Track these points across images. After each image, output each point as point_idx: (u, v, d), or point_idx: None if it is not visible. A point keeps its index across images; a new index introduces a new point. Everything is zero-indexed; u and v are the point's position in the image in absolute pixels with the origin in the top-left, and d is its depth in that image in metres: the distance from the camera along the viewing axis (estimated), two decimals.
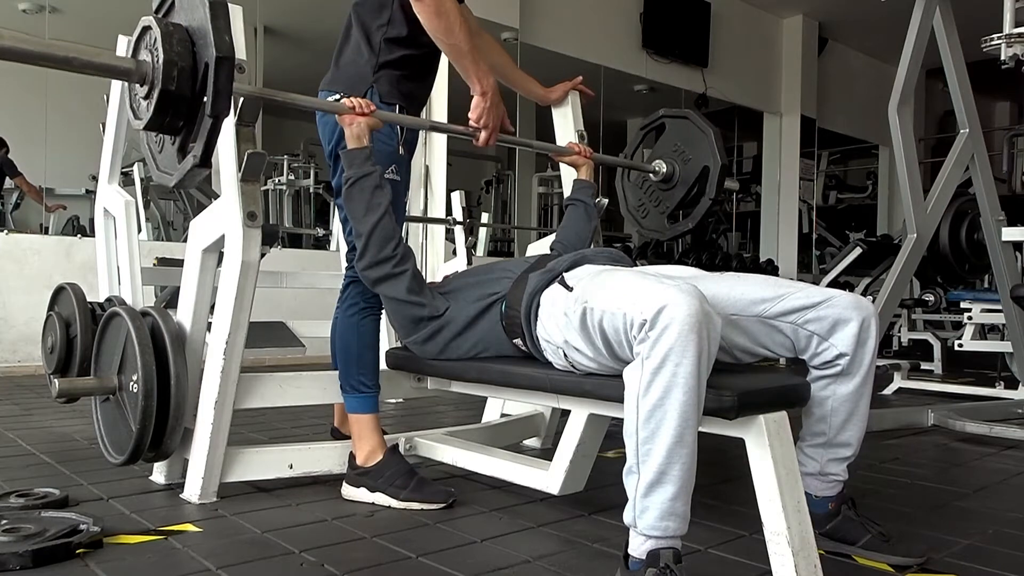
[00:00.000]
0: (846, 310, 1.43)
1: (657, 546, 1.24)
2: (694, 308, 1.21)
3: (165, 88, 1.43)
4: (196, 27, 1.46)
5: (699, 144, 2.32)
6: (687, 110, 2.43)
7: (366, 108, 1.76)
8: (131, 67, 1.47)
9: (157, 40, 1.44)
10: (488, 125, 1.91)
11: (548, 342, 1.56)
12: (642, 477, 1.24)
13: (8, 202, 5.77)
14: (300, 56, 6.77)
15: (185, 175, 1.53)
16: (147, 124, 1.49)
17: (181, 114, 1.48)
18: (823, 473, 1.52)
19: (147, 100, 1.48)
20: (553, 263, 1.65)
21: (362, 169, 1.76)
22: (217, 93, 1.41)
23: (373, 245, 1.74)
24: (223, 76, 1.41)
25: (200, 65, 1.44)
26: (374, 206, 1.74)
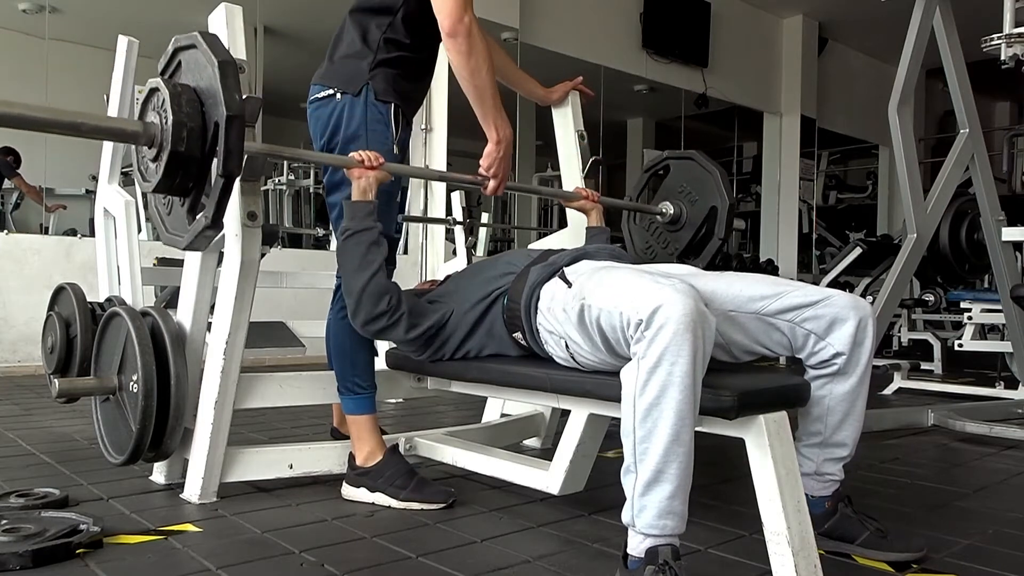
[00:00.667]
0: (843, 309, 1.43)
1: (656, 544, 1.24)
2: (689, 307, 1.21)
3: (175, 150, 1.42)
4: (204, 87, 1.46)
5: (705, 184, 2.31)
6: (692, 151, 2.41)
7: (375, 161, 1.73)
8: (139, 130, 1.46)
9: (166, 101, 1.43)
10: (498, 175, 1.89)
11: (551, 333, 1.56)
12: (639, 476, 1.25)
13: (8, 202, 5.77)
14: (300, 56, 6.76)
15: (196, 237, 1.51)
16: (156, 187, 1.47)
17: (191, 175, 1.47)
18: (819, 473, 1.52)
19: (156, 162, 1.47)
20: (555, 257, 1.66)
21: (363, 223, 1.72)
22: (228, 153, 1.40)
23: (366, 303, 1.70)
24: (234, 135, 1.40)
25: (209, 125, 1.44)
26: (368, 263, 1.70)
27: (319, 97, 1.88)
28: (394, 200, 1.92)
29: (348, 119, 1.83)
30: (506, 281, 1.71)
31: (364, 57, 1.85)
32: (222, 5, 1.83)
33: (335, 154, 1.84)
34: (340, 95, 1.84)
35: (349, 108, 1.83)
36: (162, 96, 1.44)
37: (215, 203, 1.46)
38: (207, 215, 1.47)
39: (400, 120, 1.89)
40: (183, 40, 1.55)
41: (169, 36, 1.61)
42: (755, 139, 9.02)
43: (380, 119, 1.84)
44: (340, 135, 1.84)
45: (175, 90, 1.44)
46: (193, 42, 1.51)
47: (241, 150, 1.44)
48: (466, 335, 1.74)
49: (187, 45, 1.54)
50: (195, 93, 1.47)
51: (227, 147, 1.40)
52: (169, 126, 1.42)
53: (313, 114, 1.90)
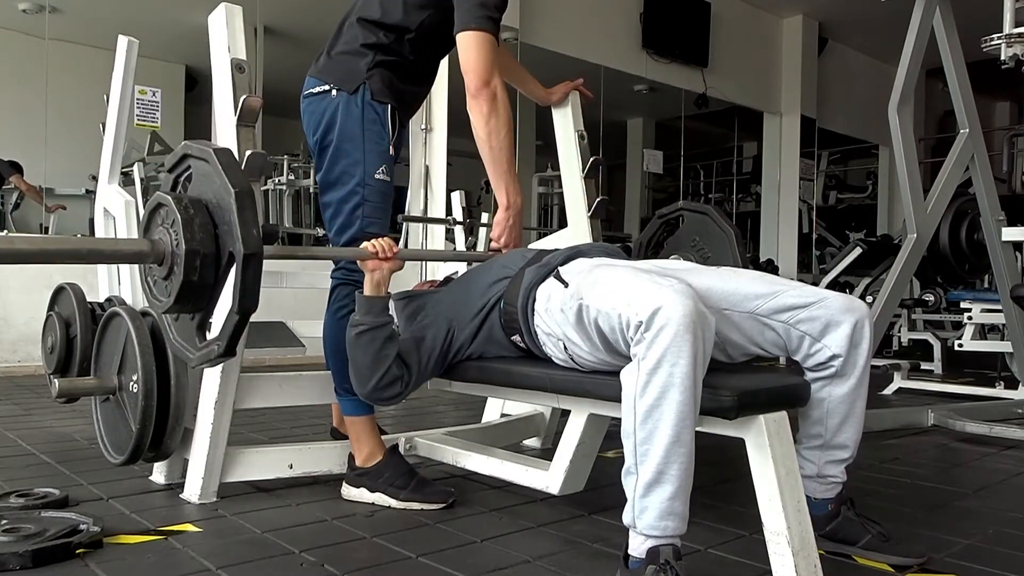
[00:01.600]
0: (838, 312, 1.43)
1: (657, 544, 1.24)
2: (689, 308, 1.21)
3: (187, 279, 1.37)
4: (216, 205, 1.39)
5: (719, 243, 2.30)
6: (707, 206, 2.40)
7: (389, 252, 1.68)
8: (147, 249, 1.42)
9: (177, 223, 1.37)
10: (509, 244, 1.88)
11: (548, 335, 1.55)
12: (640, 477, 1.25)
13: (8, 202, 5.77)
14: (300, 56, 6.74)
15: (207, 361, 1.49)
16: (168, 309, 1.44)
17: (203, 299, 1.43)
18: (821, 475, 1.52)
19: (166, 282, 1.43)
20: (549, 257, 1.65)
21: (378, 319, 1.66)
22: (244, 291, 1.35)
23: (379, 393, 1.68)
24: (251, 274, 1.35)
25: (223, 251, 1.38)
26: (382, 358, 1.65)
27: (314, 92, 1.86)
28: (389, 201, 1.92)
29: (344, 118, 1.82)
30: (501, 287, 1.69)
31: (363, 56, 1.84)
32: (222, 5, 1.83)
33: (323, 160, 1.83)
34: (336, 92, 1.83)
35: (345, 106, 1.82)
36: (173, 216, 1.39)
37: (229, 335, 1.41)
38: (220, 344, 1.42)
39: (396, 122, 1.88)
40: (195, 150, 1.47)
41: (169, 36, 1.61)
42: (755, 139, 9.02)
43: (376, 119, 1.83)
44: (334, 133, 1.83)
45: (187, 214, 1.37)
46: (206, 157, 1.43)
47: (258, 288, 1.38)
48: (469, 343, 1.73)
49: (199, 156, 1.46)
50: (207, 212, 1.40)
51: (243, 285, 1.35)
52: (182, 253, 1.36)
53: (307, 109, 1.89)
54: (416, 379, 1.70)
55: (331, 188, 1.85)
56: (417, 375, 1.70)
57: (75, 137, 5.28)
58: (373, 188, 1.82)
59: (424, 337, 1.71)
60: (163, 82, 5.20)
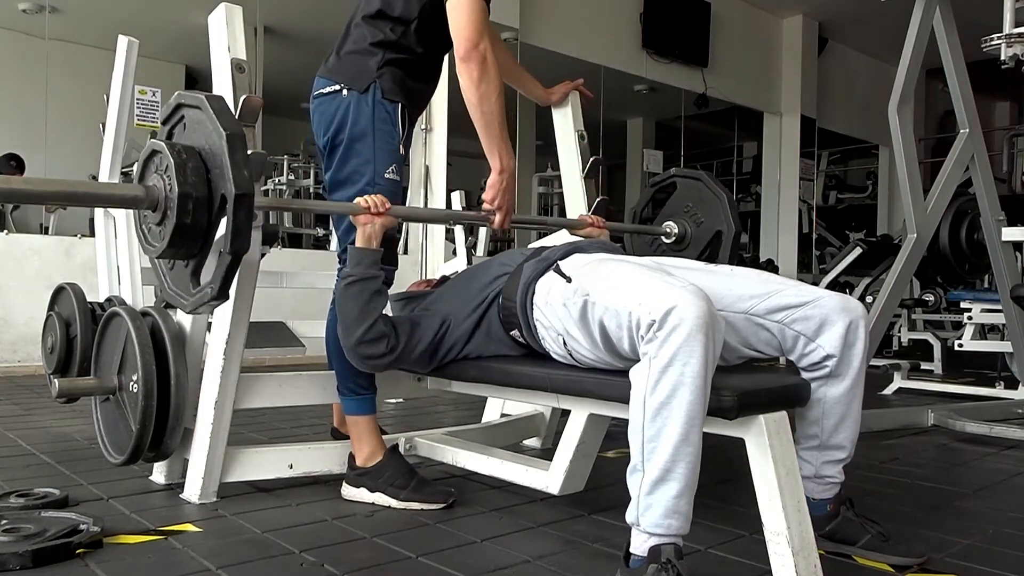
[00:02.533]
0: (833, 311, 1.42)
1: (660, 543, 1.24)
2: (702, 309, 1.22)
3: (180, 221, 1.39)
4: (209, 151, 1.42)
5: (712, 207, 2.30)
6: (700, 171, 2.40)
7: (381, 207, 1.71)
8: (141, 195, 1.44)
9: (170, 168, 1.40)
10: (503, 207, 1.88)
11: (547, 329, 1.55)
12: (647, 475, 1.25)
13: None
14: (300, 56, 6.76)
15: (201, 305, 1.50)
16: (161, 254, 1.46)
17: (196, 243, 1.45)
18: (819, 476, 1.52)
19: (160, 227, 1.45)
20: (547, 252, 1.65)
21: (368, 271, 1.70)
22: (236, 232, 1.38)
23: (363, 348, 1.69)
24: (242, 214, 1.37)
25: (215, 195, 1.41)
26: (369, 311, 1.68)
27: (324, 92, 1.87)
28: (398, 200, 1.92)
29: (355, 117, 1.82)
30: (500, 283, 1.70)
31: (372, 55, 1.84)
32: (222, 5, 1.83)
33: (332, 160, 1.84)
34: (347, 91, 1.83)
35: (356, 106, 1.82)
36: (166, 161, 1.41)
37: (222, 277, 1.43)
38: (213, 287, 1.45)
39: (406, 120, 1.88)
40: (188, 98, 1.50)
41: (169, 36, 1.61)
42: (755, 139, 9.02)
43: (387, 118, 1.84)
44: (345, 132, 1.83)
45: (180, 157, 1.40)
46: (199, 104, 1.46)
47: (249, 228, 1.41)
48: (466, 342, 1.74)
49: (192, 104, 1.49)
50: (200, 158, 1.43)
51: (235, 226, 1.37)
52: (175, 196, 1.39)
53: (317, 109, 1.89)
54: (402, 352, 1.70)
55: (341, 187, 1.86)
56: (404, 348, 1.70)
57: (75, 137, 5.28)
58: (383, 188, 1.82)
59: (419, 323, 1.73)
60: (163, 82, 5.20)
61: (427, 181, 3.75)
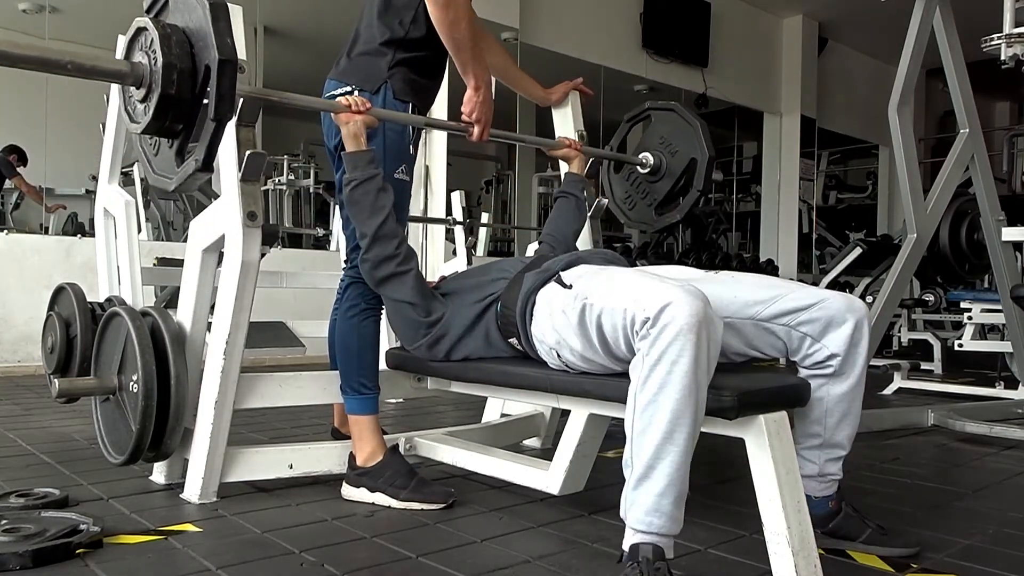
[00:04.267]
0: (839, 312, 1.44)
1: (640, 541, 1.24)
2: (696, 309, 1.22)
3: (165, 92, 1.40)
4: (194, 28, 1.43)
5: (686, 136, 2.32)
6: (673, 103, 2.41)
7: (362, 106, 1.75)
8: (126, 70, 1.45)
9: (154, 42, 1.40)
10: (480, 120, 1.90)
11: (541, 342, 1.57)
12: (634, 470, 1.26)
13: (8, 202, 5.77)
14: (300, 56, 6.76)
15: (186, 179, 1.50)
16: (145, 128, 1.46)
17: (181, 117, 1.45)
18: (822, 474, 1.53)
19: (144, 103, 1.45)
20: (549, 263, 1.65)
21: (366, 171, 1.75)
22: (220, 97, 1.39)
23: (377, 244, 1.74)
24: (226, 79, 1.38)
25: (200, 67, 1.42)
26: (379, 208, 1.74)
27: (335, 95, 1.87)
28: (407, 200, 1.92)
29: None
30: (499, 287, 1.70)
31: (383, 55, 1.85)
32: None
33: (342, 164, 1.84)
34: (358, 93, 1.83)
35: None
36: (150, 36, 1.42)
37: (206, 146, 1.43)
38: (197, 158, 1.45)
39: None
40: None
41: None
42: (755, 139, 9.02)
43: None
44: None
45: (164, 31, 1.41)
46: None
47: (233, 94, 1.42)
48: (460, 336, 1.74)
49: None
50: (184, 34, 1.43)
51: (219, 91, 1.38)
52: (159, 67, 1.39)
53: (327, 114, 1.89)
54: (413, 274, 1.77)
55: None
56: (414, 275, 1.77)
57: (75, 137, 5.28)
58: (395, 189, 1.83)
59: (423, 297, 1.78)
60: None
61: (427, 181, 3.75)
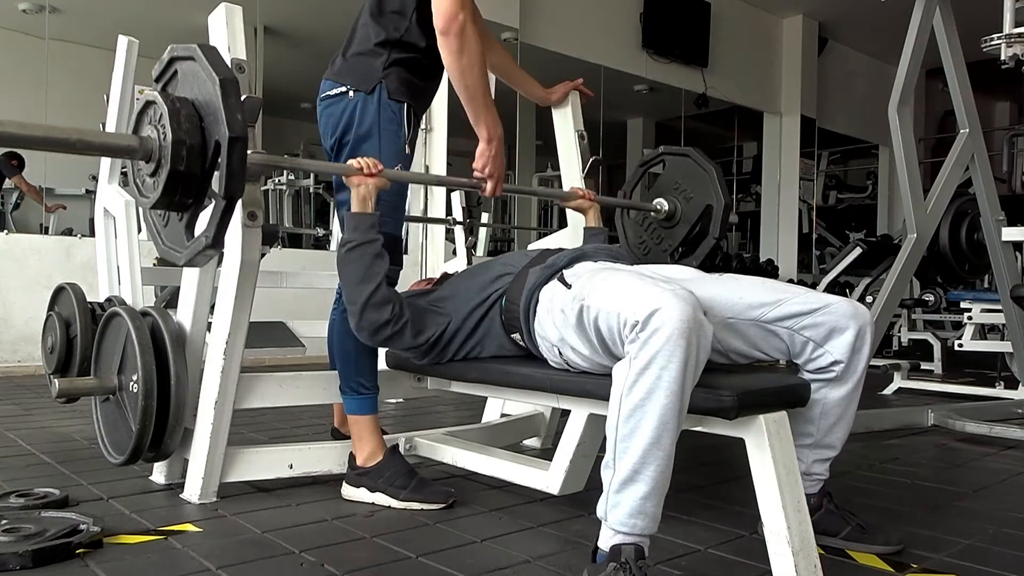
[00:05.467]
0: (843, 318, 1.43)
1: (623, 542, 1.25)
2: (686, 314, 1.21)
3: (174, 168, 1.38)
4: (203, 101, 1.41)
5: (701, 182, 2.30)
6: (688, 148, 2.40)
7: (374, 168, 1.70)
8: (135, 145, 1.43)
9: (164, 116, 1.39)
10: (493, 175, 1.88)
11: (543, 339, 1.57)
12: (617, 473, 1.26)
13: (8, 202, 5.77)
14: (300, 56, 6.76)
15: (196, 256, 1.49)
16: (155, 204, 1.44)
17: (190, 193, 1.43)
18: (808, 473, 1.53)
19: (153, 178, 1.43)
20: (553, 259, 1.65)
21: (366, 236, 1.69)
22: (231, 175, 1.37)
23: (370, 314, 1.68)
24: (236, 157, 1.36)
25: (209, 143, 1.40)
26: (372, 275, 1.68)
27: (330, 95, 1.87)
28: (403, 199, 1.91)
29: (361, 117, 1.82)
30: (503, 283, 1.70)
31: (378, 56, 1.84)
32: (222, 5, 1.83)
33: (339, 160, 1.84)
34: (352, 93, 1.83)
35: (362, 106, 1.82)
36: (160, 111, 1.40)
37: (216, 224, 1.42)
38: (208, 235, 1.43)
39: (412, 119, 1.89)
40: (180, 51, 1.50)
41: (169, 36, 1.59)
42: (755, 139, 9.02)
43: (393, 118, 1.84)
44: (352, 133, 1.83)
45: (173, 105, 1.40)
46: (191, 54, 1.45)
47: (244, 172, 1.40)
48: (464, 340, 1.74)
49: (185, 56, 1.48)
50: (194, 108, 1.42)
51: (230, 169, 1.36)
52: (168, 143, 1.38)
53: (324, 112, 1.89)
54: (406, 326, 1.70)
55: (347, 188, 1.85)
56: (407, 324, 1.70)
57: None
58: (389, 188, 1.82)
59: (424, 315, 1.74)
60: None
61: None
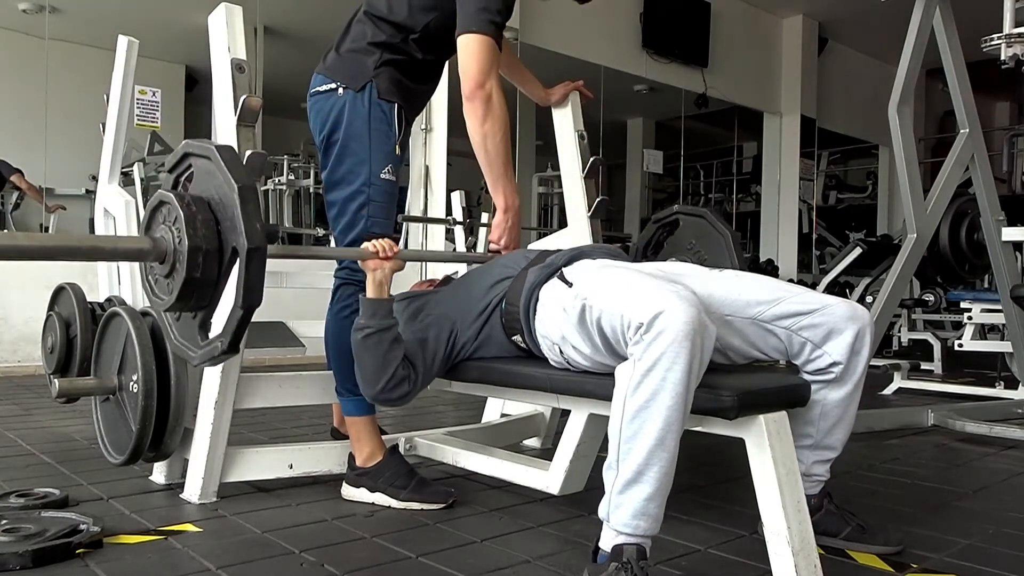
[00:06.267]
0: (841, 319, 1.43)
1: (625, 542, 1.25)
2: (690, 316, 1.21)
3: (190, 276, 1.36)
4: (219, 201, 1.39)
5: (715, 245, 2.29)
6: (703, 208, 2.39)
7: (390, 252, 1.67)
8: (148, 247, 1.41)
9: (179, 220, 1.36)
10: (509, 246, 1.88)
11: (544, 337, 1.56)
12: (620, 474, 1.26)
13: (8, 202, 5.77)
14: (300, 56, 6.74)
15: (211, 360, 1.48)
16: (170, 307, 1.43)
17: (205, 296, 1.42)
18: (808, 474, 1.53)
19: (168, 280, 1.42)
20: (552, 258, 1.65)
21: (384, 322, 1.65)
22: (249, 288, 1.34)
23: (388, 393, 1.66)
24: (255, 268, 1.34)
25: (226, 248, 1.37)
26: (390, 360, 1.64)
27: (320, 90, 1.86)
28: (394, 201, 1.91)
29: (351, 116, 1.82)
30: (503, 287, 1.69)
31: (370, 54, 1.83)
32: (222, 5, 1.83)
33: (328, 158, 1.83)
34: (343, 90, 1.83)
35: (351, 105, 1.82)
36: (175, 213, 1.38)
37: (232, 331, 1.39)
38: (223, 341, 1.41)
39: (403, 121, 1.88)
40: (196, 148, 1.47)
41: (169, 36, 1.60)
42: (755, 139, 9.02)
43: (383, 118, 1.83)
44: (341, 131, 1.83)
45: (190, 210, 1.37)
46: (208, 155, 1.43)
47: (262, 283, 1.37)
48: (470, 344, 1.73)
49: (200, 154, 1.45)
50: (209, 209, 1.39)
51: (248, 281, 1.34)
52: (184, 249, 1.35)
53: (314, 107, 1.88)
54: (423, 379, 1.70)
55: (336, 187, 1.85)
56: (424, 375, 1.70)
57: (75, 137, 5.28)
58: (379, 188, 1.82)
59: (427, 338, 1.71)
60: (163, 82, 5.20)
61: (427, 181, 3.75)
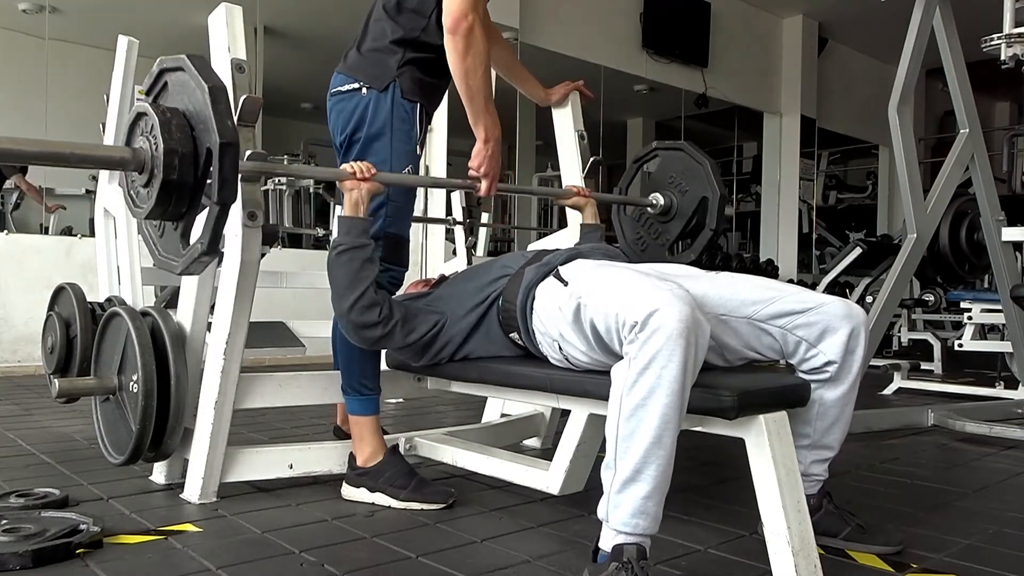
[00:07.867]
0: (835, 318, 1.43)
1: (624, 542, 1.25)
2: (685, 314, 1.22)
3: (167, 178, 1.39)
4: (193, 111, 1.43)
5: (695, 175, 2.31)
6: (681, 142, 2.41)
7: (367, 172, 1.70)
8: (128, 156, 1.44)
9: (155, 127, 1.39)
10: (488, 174, 1.88)
11: (543, 335, 1.57)
12: (618, 473, 1.26)
13: (8, 202, 5.77)
14: (300, 56, 6.76)
15: (192, 263, 1.50)
16: (149, 213, 1.45)
17: (184, 201, 1.44)
18: (806, 474, 1.53)
19: (147, 188, 1.44)
20: (549, 257, 1.66)
21: (357, 240, 1.68)
22: (223, 181, 1.38)
23: (356, 317, 1.67)
24: (228, 163, 1.38)
25: (201, 151, 1.41)
26: (361, 279, 1.67)
27: (343, 90, 1.86)
28: (412, 201, 1.91)
29: (374, 116, 1.82)
30: (501, 284, 1.70)
31: (393, 53, 1.83)
32: (222, 5, 1.83)
33: (349, 158, 1.83)
34: (366, 90, 1.83)
35: (375, 104, 1.82)
36: (151, 121, 1.41)
37: (211, 230, 1.43)
38: (203, 242, 1.45)
39: (423, 120, 1.89)
40: (169, 62, 1.51)
41: (169, 36, 1.60)
42: (755, 139, 9.02)
43: (406, 118, 1.84)
44: (364, 131, 1.83)
45: (164, 116, 1.40)
46: (180, 64, 1.46)
47: (236, 178, 1.42)
48: (462, 341, 1.74)
49: (174, 67, 1.49)
50: (184, 118, 1.43)
51: (222, 175, 1.38)
52: (160, 153, 1.38)
53: (335, 107, 1.88)
54: (396, 328, 1.70)
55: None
56: (397, 326, 1.70)
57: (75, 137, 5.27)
58: (398, 188, 1.82)
59: (416, 314, 1.74)
60: None
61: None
